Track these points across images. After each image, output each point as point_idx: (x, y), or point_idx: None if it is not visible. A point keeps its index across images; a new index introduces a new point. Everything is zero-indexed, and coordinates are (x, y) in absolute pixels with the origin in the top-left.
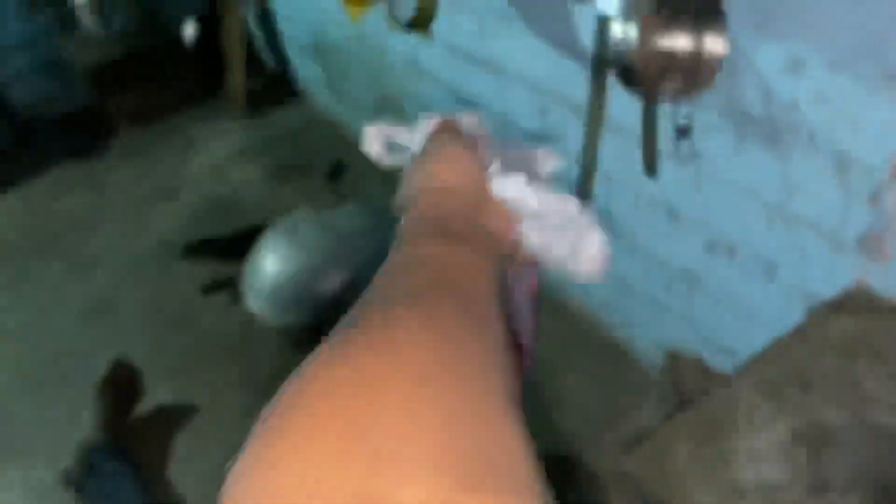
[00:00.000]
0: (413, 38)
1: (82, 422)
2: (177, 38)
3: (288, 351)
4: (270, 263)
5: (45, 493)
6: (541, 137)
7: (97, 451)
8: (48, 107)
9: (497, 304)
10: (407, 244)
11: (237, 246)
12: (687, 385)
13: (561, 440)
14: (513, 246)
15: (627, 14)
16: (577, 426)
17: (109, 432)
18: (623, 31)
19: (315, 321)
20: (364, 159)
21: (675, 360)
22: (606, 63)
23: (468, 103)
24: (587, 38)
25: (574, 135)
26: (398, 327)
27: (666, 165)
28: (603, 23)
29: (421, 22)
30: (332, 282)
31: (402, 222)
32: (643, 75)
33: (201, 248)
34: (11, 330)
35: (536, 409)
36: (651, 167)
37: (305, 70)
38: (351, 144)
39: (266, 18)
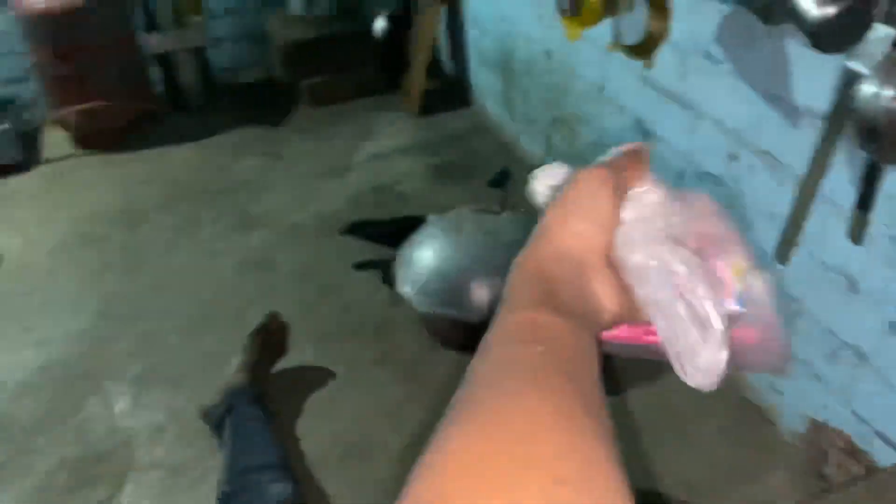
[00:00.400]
0: (604, 63)
1: (229, 364)
2: (369, 30)
3: (427, 339)
4: (429, 253)
5: (184, 421)
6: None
7: (238, 393)
8: (242, 74)
9: (601, 385)
10: (517, 307)
11: (394, 232)
12: (828, 460)
13: (683, 487)
14: (620, 315)
15: (881, 73)
16: (703, 477)
17: (252, 379)
18: (873, 90)
19: (459, 318)
20: (528, 172)
21: (819, 433)
22: (844, 119)
23: (651, 136)
24: (800, 90)
25: (757, 186)
26: (533, 422)
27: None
28: (850, 79)
29: (646, 48)
30: (483, 285)
31: (511, 276)
32: (887, 136)
33: (360, 228)
34: (178, 268)
35: (664, 450)
36: (859, 233)
37: (483, 79)
38: (517, 157)
39: (454, 25)
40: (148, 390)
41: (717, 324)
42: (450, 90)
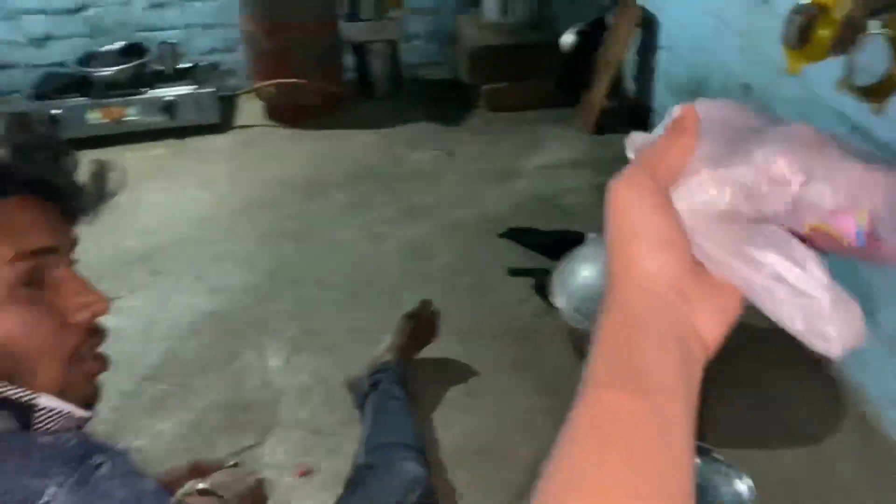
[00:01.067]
0: (810, 104)
1: (378, 342)
2: (556, 43)
3: (573, 355)
4: (590, 271)
5: (330, 388)
6: None
7: (384, 371)
8: (428, 71)
9: (692, 483)
10: (594, 383)
11: (552, 244)
12: None
13: None
14: (730, 325)
15: None
16: None
17: (398, 360)
18: None
19: None
20: None
21: None
22: None
23: None
24: None
25: None
26: None
27: None
28: None
29: (882, 91)
30: None
31: (591, 343)
32: None
33: (519, 234)
34: (344, 243)
35: None
36: None
37: (666, 105)
38: None
39: (645, 47)
40: (301, 352)
41: (825, 297)
42: (629, 112)
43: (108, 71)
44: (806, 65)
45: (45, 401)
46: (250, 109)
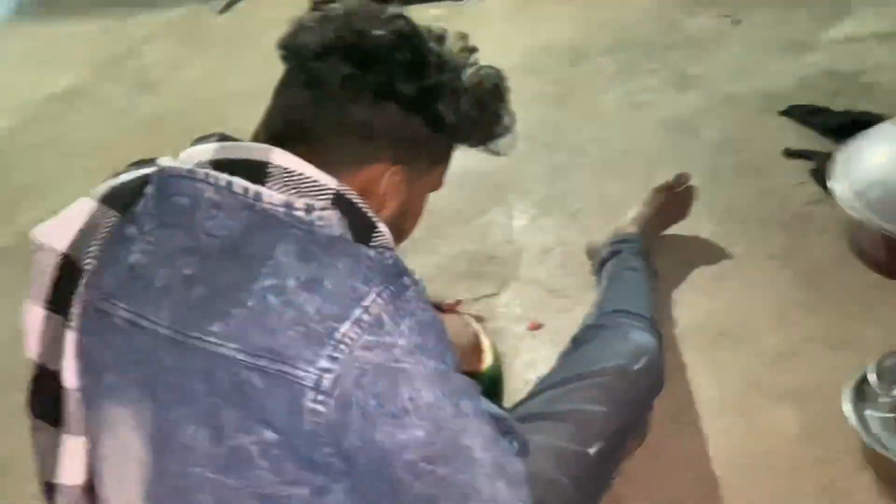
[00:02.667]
0: None
1: (625, 213)
2: None
3: (846, 249)
4: (883, 156)
5: (570, 252)
6: None
7: (627, 241)
8: None
9: None
10: None
11: (843, 125)
12: None
13: None
14: None
15: None
16: None
17: (643, 232)
18: None
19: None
20: None
21: None
22: None
23: None
24: None
25: None
26: None
27: None
28: None
29: None
30: None
31: None
32: None
33: (804, 112)
34: (603, 111)
35: None
36: None
37: None
38: None
39: None
40: (546, 214)
41: None
42: None
43: None
44: None
45: (383, 227)
46: None
